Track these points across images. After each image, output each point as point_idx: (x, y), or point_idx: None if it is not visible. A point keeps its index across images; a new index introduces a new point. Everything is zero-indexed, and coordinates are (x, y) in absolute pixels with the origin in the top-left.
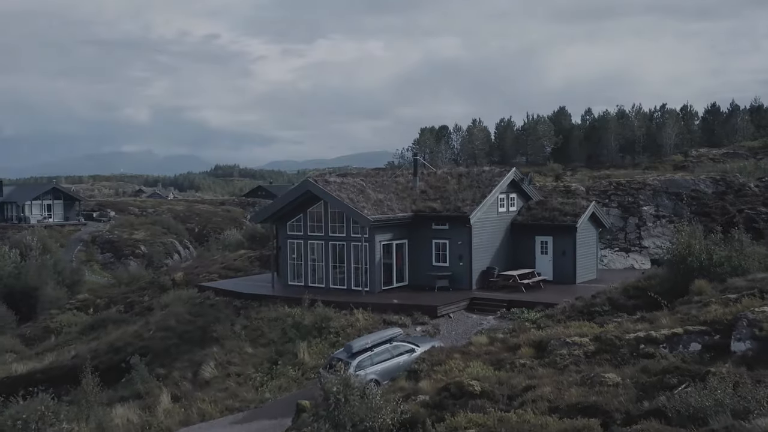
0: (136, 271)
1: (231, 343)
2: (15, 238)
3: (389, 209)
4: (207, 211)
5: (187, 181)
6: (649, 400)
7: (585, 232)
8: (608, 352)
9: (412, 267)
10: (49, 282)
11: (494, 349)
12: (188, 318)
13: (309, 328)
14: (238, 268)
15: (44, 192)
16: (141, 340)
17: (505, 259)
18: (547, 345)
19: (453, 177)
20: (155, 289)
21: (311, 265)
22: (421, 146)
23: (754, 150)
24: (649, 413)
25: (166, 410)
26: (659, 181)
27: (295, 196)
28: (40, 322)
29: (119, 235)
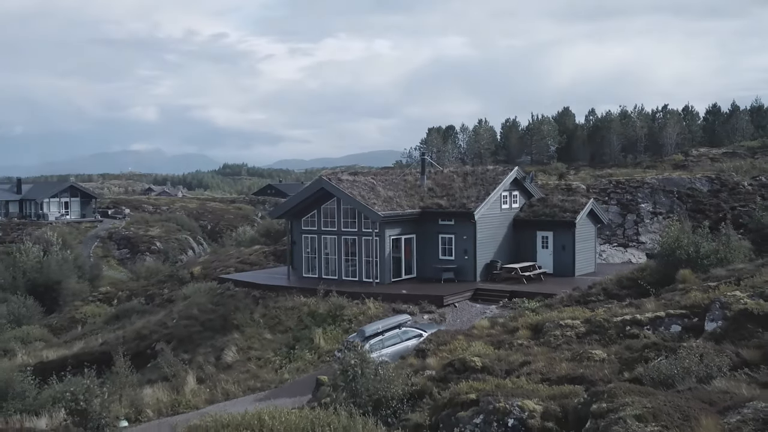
0: (153, 266)
1: (251, 330)
2: (36, 234)
3: (398, 206)
4: (219, 209)
5: (196, 179)
6: (629, 371)
7: (584, 227)
8: (597, 333)
9: (419, 260)
10: (71, 276)
11: (495, 332)
12: (210, 307)
13: (324, 316)
14: (254, 262)
15: (62, 190)
16: (165, 328)
17: (507, 253)
18: (543, 327)
19: (459, 175)
20: (174, 282)
21: (325, 258)
22: (428, 146)
23: (752, 150)
24: (628, 381)
25: (193, 390)
26: (657, 180)
27: (310, 193)
28: (66, 313)
29: (135, 231)
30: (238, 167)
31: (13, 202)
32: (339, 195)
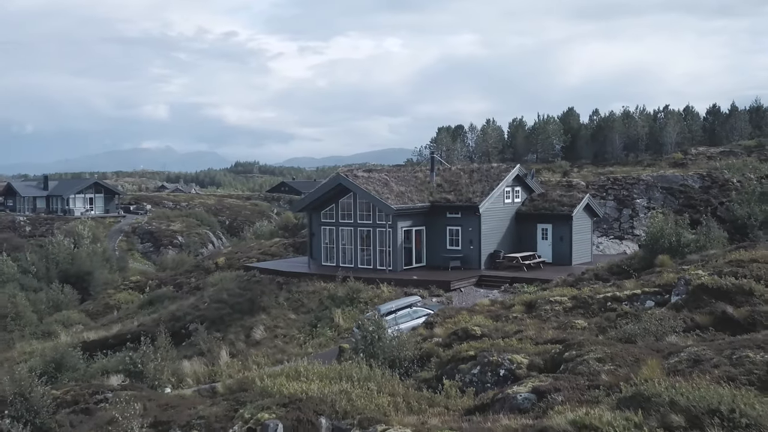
0: (178, 257)
1: (276, 311)
2: (66, 228)
3: (410, 200)
4: (236, 205)
5: (208, 177)
6: (603, 335)
7: (580, 220)
8: (582, 307)
9: (429, 250)
10: (101, 267)
11: (494, 308)
12: (238, 292)
13: (342, 298)
14: (274, 253)
15: (86, 186)
16: (198, 311)
17: (510, 243)
18: (535, 304)
19: (465, 172)
20: (200, 271)
21: (342, 248)
22: (438, 144)
23: (749, 149)
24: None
25: (226, 363)
26: (652, 177)
27: (328, 188)
28: (100, 300)
29: (157, 226)
30: (250, 165)
31: (40, 198)
32: (355, 190)
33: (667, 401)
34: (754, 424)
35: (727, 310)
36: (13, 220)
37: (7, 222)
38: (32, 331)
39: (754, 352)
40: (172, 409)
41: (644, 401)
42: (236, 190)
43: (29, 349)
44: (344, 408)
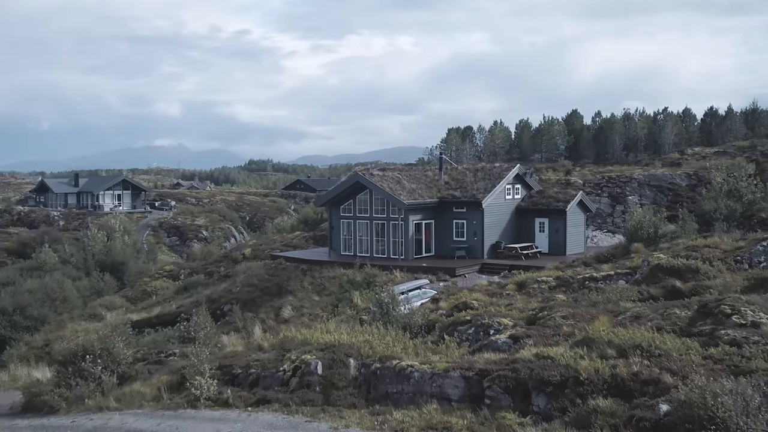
0: (206, 249)
1: (301, 294)
2: (100, 222)
3: (420, 196)
4: (256, 202)
5: (223, 175)
6: (576, 303)
7: (574, 215)
8: (564, 285)
9: (437, 241)
10: (133, 258)
11: (490, 288)
12: (266, 277)
13: (360, 282)
14: (296, 245)
15: (115, 183)
16: (231, 294)
17: (510, 235)
18: (526, 283)
19: (470, 171)
20: (228, 261)
21: (359, 239)
22: (448, 144)
23: (742, 149)
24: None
25: (260, 336)
26: (643, 176)
27: (347, 185)
28: (137, 287)
29: (182, 221)
30: (263, 163)
31: (71, 195)
32: (371, 187)
33: (606, 341)
34: (664, 354)
35: (675, 284)
36: (47, 215)
37: (43, 217)
38: (79, 314)
39: (680, 310)
40: (232, 357)
41: (590, 342)
42: (250, 187)
43: (79, 328)
44: (367, 352)
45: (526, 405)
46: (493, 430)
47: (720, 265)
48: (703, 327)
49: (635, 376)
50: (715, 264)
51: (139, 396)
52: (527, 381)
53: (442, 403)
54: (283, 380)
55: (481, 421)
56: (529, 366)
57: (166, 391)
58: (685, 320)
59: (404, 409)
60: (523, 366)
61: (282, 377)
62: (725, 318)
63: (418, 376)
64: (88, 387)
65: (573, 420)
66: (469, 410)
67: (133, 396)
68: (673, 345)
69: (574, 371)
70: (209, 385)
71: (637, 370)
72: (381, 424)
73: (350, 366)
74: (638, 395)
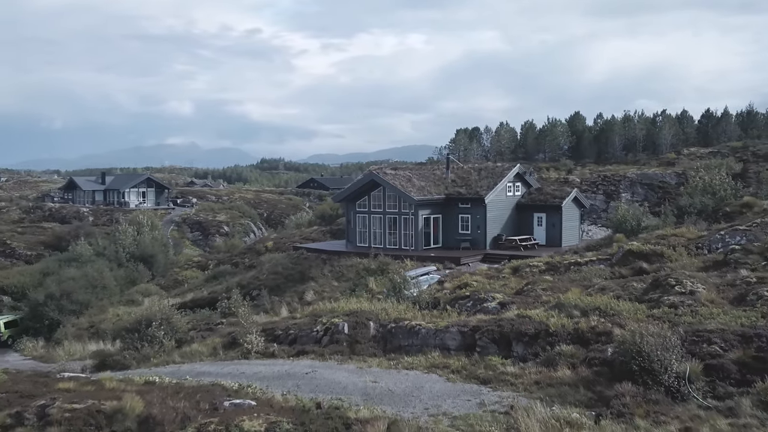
0: (230, 242)
1: (322, 280)
2: (129, 217)
3: (428, 193)
4: (272, 199)
5: (235, 173)
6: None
7: (569, 210)
8: (552, 269)
9: (444, 233)
10: (162, 251)
11: (489, 272)
12: (290, 266)
13: (374, 270)
14: (314, 238)
15: (140, 181)
16: (258, 281)
17: (511, 228)
18: (519, 268)
19: (475, 170)
20: (252, 253)
21: (373, 232)
22: (456, 144)
23: (735, 149)
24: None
25: (287, 316)
26: (636, 175)
27: (362, 183)
28: (169, 276)
29: (204, 217)
30: (275, 162)
31: (98, 192)
32: (384, 184)
33: (573, 305)
34: (617, 314)
35: (642, 265)
36: (77, 211)
37: (73, 212)
38: (117, 300)
39: (637, 283)
40: (272, 323)
41: (561, 306)
42: (262, 186)
43: (120, 312)
44: (383, 317)
45: (508, 351)
46: (482, 368)
47: (682, 251)
48: (653, 295)
49: (592, 329)
50: (678, 249)
51: (198, 353)
52: (509, 334)
53: (443, 351)
54: (316, 338)
55: (472, 363)
56: (511, 323)
57: (221, 349)
58: (640, 291)
59: (413, 356)
60: (506, 323)
61: (315, 336)
62: (670, 288)
63: (425, 332)
64: (152, 348)
65: (543, 361)
66: (463, 356)
67: (192, 353)
68: (625, 307)
69: (545, 326)
70: (258, 341)
71: (594, 325)
72: (395, 365)
73: (370, 327)
74: (593, 342)
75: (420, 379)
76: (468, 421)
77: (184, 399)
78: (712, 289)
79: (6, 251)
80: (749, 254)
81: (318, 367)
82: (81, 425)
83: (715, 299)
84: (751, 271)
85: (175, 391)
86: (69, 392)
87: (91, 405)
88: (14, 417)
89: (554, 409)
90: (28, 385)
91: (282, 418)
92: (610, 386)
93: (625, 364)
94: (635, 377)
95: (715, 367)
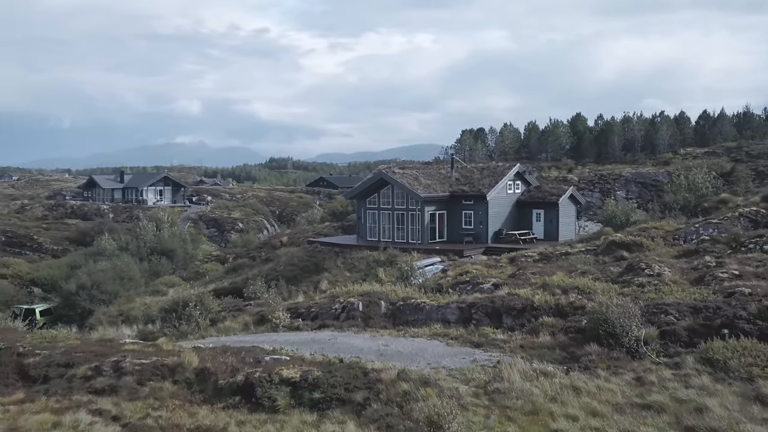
0: (245, 238)
1: (335, 271)
2: (149, 214)
3: (434, 190)
4: (284, 197)
5: (244, 172)
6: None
7: (566, 207)
8: (545, 258)
9: (448, 228)
10: (181, 246)
11: (488, 262)
12: (305, 258)
13: (383, 261)
14: (326, 233)
15: (157, 180)
16: (276, 272)
17: (511, 223)
18: (515, 258)
19: (477, 169)
20: (268, 247)
21: (382, 227)
22: (462, 144)
23: (730, 150)
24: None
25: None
26: (631, 173)
27: (372, 181)
28: (190, 269)
29: (219, 214)
30: (284, 161)
31: (117, 190)
32: (393, 183)
33: (556, 285)
34: (593, 291)
35: (623, 254)
36: (98, 208)
37: (94, 210)
38: (143, 290)
39: (614, 267)
40: (296, 304)
41: (546, 286)
42: (271, 185)
43: (147, 301)
44: (393, 297)
45: (499, 323)
46: (476, 336)
47: (660, 241)
48: (626, 277)
49: (570, 304)
50: (656, 240)
51: (231, 329)
52: (500, 308)
53: (444, 324)
54: (335, 315)
55: (468, 332)
56: (502, 299)
57: (252, 325)
58: (616, 274)
59: (418, 327)
60: (498, 300)
61: (334, 313)
62: (641, 271)
63: (428, 308)
64: (189, 326)
65: (528, 330)
66: (461, 327)
67: (226, 329)
68: (600, 286)
69: (531, 302)
70: (284, 317)
71: (572, 300)
72: (403, 334)
73: (381, 305)
74: (571, 315)
75: (424, 344)
76: (462, 371)
77: (231, 356)
78: (676, 272)
79: (33, 246)
80: (717, 244)
81: (338, 336)
82: (149, 375)
83: (677, 280)
84: (715, 257)
85: (223, 351)
86: (134, 352)
87: (155, 360)
88: (94, 370)
89: (533, 364)
90: (98, 347)
91: (312, 368)
92: (581, 348)
93: (593, 330)
94: (601, 340)
95: (668, 333)
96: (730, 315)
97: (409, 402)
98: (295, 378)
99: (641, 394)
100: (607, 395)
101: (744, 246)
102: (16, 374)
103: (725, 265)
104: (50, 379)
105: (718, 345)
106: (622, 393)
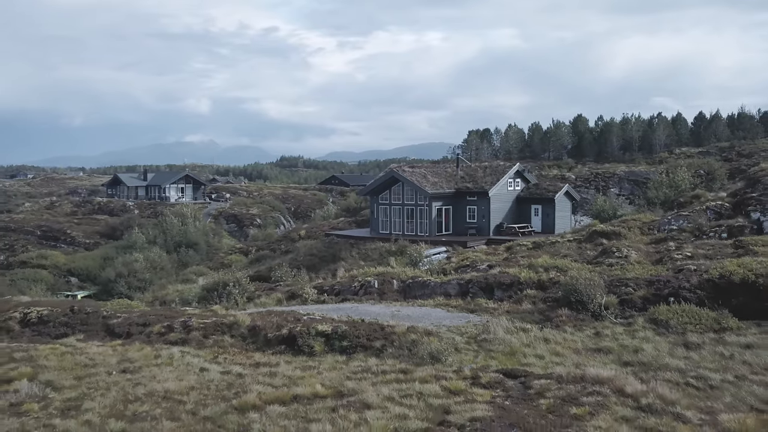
0: (265, 232)
1: (351, 260)
2: (173, 210)
3: (441, 187)
4: (299, 195)
5: (255, 171)
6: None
7: (562, 203)
8: (538, 247)
9: (454, 222)
10: (206, 239)
11: (488, 250)
12: (323, 249)
13: (395, 252)
14: (341, 227)
15: (179, 178)
16: (296, 261)
17: (511, 218)
18: (511, 247)
19: (481, 168)
20: (287, 240)
21: (393, 221)
22: (468, 144)
23: (723, 149)
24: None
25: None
26: (624, 172)
27: (384, 179)
28: (216, 261)
29: (239, 210)
30: (294, 159)
31: (141, 188)
32: (403, 180)
33: (540, 265)
34: (569, 269)
35: (604, 242)
36: (124, 205)
37: (120, 206)
38: (174, 279)
39: (591, 251)
40: (320, 284)
41: (531, 266)
42: (282, 183)
43: (179, 288)
44: (403, 276)
45: (491, 295)
46: (472, 305)
47: (636, 231)
48: (600, 259)
49: (550, 279)
50: (633, 230)
51: (266, 303)
52: (493, 283)
53: (446, 296)
54: (354, 291)
55: (466, 303)
56: (494, 277)
57: (284, 300)
58: (591, 256)
59: (425, 300)
60: (491, 276)
61: (354, 289)
62: (612, 254)
63: (433, 284)
64: (228, 303)
65: (514, 300)
66: (460, 299)
67: (263, 303)
68: (575, 266)
69: (518, 278)
70: (312, 292)
71: (551, 277)
72: (411, 304)
73: (394, 283)
74: (549, 288)
75: (429, 311)
76: (458, 328)
77: (275, 317)
78: (642, 254)
79: (67, 240)
80: (683, 233)
81: (358, 306)
82: (212, 331)
83: (641, 260)
84: (677, 243)
85: (268, 313)
86: (196, 315)
87: (215, 320)
88: (166, 327)
89: (515, 323)
90: (167, 312)
91: (341, 324)
92: (555, 312)
93: (565, 298)
94: (571, 306)
95: (626, 300)
96: (676, 286)
97: (417, 347)
98: (327, 331)
99: (596, 342)
100: (570, 343)
101: (705, 234)
102: (104, 331)
103: (682, 249)
104: (132, 335)
105: (663, 309)
106: (582, 342)
